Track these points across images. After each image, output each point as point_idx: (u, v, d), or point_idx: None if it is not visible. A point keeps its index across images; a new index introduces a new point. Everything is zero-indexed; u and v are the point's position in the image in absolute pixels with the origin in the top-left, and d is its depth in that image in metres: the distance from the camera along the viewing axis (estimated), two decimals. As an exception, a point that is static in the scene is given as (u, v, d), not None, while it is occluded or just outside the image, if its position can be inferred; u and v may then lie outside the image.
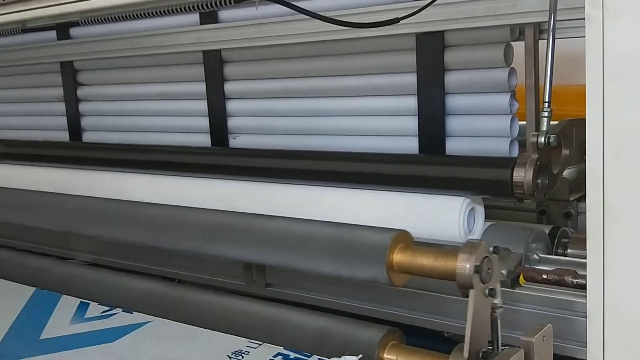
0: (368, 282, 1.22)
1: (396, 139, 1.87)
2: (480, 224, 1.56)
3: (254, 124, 2.19)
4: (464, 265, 1.06)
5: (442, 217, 1.51)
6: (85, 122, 2.63)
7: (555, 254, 1.61)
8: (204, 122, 2.26)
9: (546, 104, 1.43)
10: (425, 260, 1.14)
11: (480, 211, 1.57)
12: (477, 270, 1.05)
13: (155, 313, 1.35)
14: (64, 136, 2.67)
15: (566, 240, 1.65)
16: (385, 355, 1.11)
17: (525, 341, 1.02)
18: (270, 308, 1.27)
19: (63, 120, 2.66)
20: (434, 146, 1.78)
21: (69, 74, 2.60)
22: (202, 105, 2.25)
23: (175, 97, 2.36)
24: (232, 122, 2.22)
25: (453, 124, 1.78)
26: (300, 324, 1.21)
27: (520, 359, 0.99)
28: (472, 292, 1.04)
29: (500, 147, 1.69)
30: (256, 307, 1.29)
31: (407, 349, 1.12)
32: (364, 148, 1.89)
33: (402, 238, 1.21)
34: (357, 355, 1.06)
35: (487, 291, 1.06)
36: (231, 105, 2.21)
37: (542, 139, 1.43)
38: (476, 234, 1.55)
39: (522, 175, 1.42)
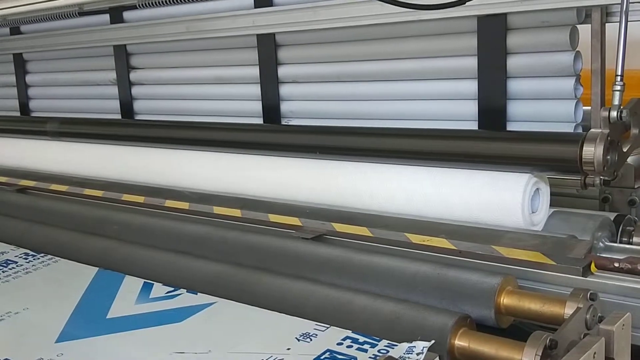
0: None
1: (455, 123, 1.85)
2: (545, 205, 1.54)
3: (307, 108, 2.18)
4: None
5: (505, 195, 1.49)
6: (137, 105, 2.66)
7: (620, 242, 1.57)
8: (257, 106, 2.26)
9: (618, 77, 1.39)
10: (533, 305, 1.16)
11: (545, 191, 1.54)
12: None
13: (220, 294, 1.35)
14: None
15: (631, 228, 1.61)
16: (457, 342, 1.10)
17: (605, 330, 1.00)
18: (338, 292, 1.26)
19: (116, 104, 2.69)
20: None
21: (122, 57, 2.62)
22: (256, 90, 2.25)
23: (228, 81, 2.37)
24: (285, 107, 2.22)
25: (514, 108, 1.75)
26: (369, 307, 1.20)
27: (601, 348, 0.97)
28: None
29: (564, 132, 1.66)
30: (324, 290, 1.28)
31: (479, 335, 1.10)
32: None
33: (508, 282, 1.23)
34: (429, 341, 1.05)
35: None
36: (284, 90, 2.21)
37: (614, 113, 1.39)
38: (540, 216, 1.53)
39: (592, 150, 1.38)
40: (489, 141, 1.59)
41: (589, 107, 1.69)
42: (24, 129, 2.82)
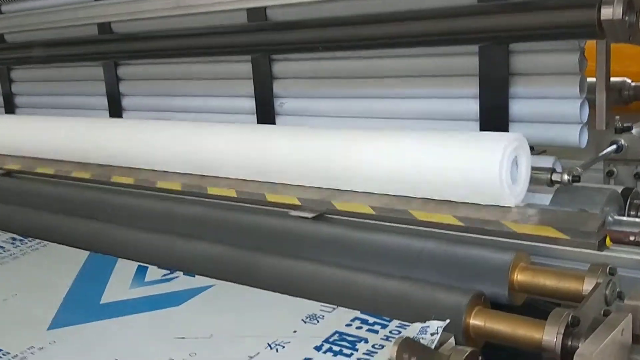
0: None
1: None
2: (525, 173, 1.41)
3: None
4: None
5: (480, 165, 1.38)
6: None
7: (628, 216, 1.53)
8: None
9: None
10: (549, 281, 1.13)
11: (525, 158, 1.42)
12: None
13: (219, 277, 1.30)
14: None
15: (639, 201, 1.57)
16: (472, 321, 1.05)
17: (632, 305, 0.95)
18: (343, 271, 1.21)
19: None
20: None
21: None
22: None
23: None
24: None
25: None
26: (377, 287, 1.14)
27: (628, 324, 0.92)
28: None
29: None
30: (328, 270, 1.22)
31: (495, 313, 1.05)
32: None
33: (521, 258, 1.18)
34: (444, 320, 1.00)
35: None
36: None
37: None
38: (520, 186, 1.41)
39: (611, 11, 1.31)
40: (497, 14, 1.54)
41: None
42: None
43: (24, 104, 3.05)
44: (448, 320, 1.00)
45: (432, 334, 0.98)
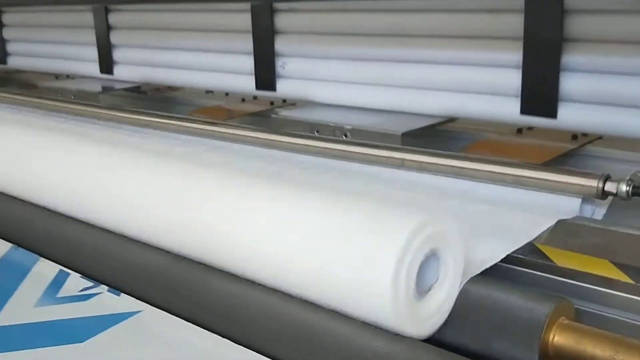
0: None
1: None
2: (451, 279, 0.83)
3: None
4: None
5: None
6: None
7: None
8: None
9: None
10: (599, 350, 0.75)
11: (449, 257, 0.83)
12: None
13: (155, 298, 0.97)
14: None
15: None
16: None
17: None
18: (309, 312, 0.85)
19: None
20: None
21: None
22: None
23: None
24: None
25: None
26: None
27: None
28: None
29: None
30: (295, 309, 0.86)
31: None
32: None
33: (563, 309, 0.80)
34: None
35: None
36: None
37: None
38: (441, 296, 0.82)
39: None
40: None
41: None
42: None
43: (15, 52, 2.77)
44: None
45: None
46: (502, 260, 0.90)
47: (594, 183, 1.05)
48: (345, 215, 0.84)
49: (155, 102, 2.24)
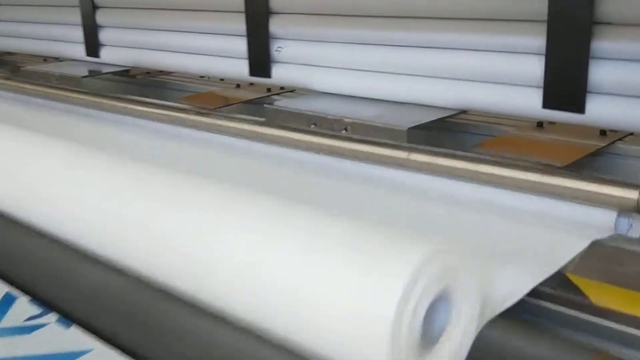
0: None
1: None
2: (464, 324, 0.67)
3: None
4: None
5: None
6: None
7: None
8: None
9: None
10: None
11: (462, 297, 0.67)
12: None
13: (107, 328, 0.82)
14: None
15: None
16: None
17: None
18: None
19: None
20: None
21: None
22: None
23: None
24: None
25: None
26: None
27: None
28: None
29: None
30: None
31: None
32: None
33: None
34: None
35: None
36: None
37: None
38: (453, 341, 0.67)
39: None
40: None
41: None
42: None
43: (3, 33, 2.61)
44: None
45: None
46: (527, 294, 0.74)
47: (634, 195, 0.89)
48: (333, 250, 0.68)
49: (143, 87, 2.08)
